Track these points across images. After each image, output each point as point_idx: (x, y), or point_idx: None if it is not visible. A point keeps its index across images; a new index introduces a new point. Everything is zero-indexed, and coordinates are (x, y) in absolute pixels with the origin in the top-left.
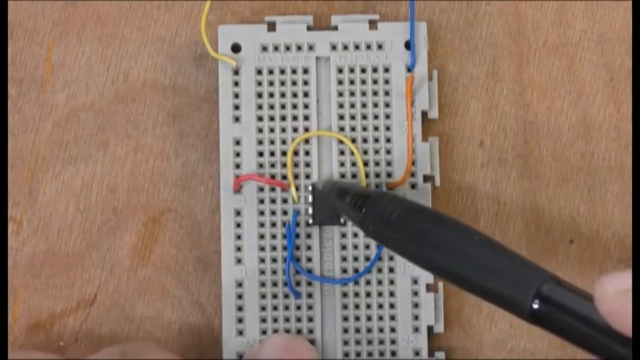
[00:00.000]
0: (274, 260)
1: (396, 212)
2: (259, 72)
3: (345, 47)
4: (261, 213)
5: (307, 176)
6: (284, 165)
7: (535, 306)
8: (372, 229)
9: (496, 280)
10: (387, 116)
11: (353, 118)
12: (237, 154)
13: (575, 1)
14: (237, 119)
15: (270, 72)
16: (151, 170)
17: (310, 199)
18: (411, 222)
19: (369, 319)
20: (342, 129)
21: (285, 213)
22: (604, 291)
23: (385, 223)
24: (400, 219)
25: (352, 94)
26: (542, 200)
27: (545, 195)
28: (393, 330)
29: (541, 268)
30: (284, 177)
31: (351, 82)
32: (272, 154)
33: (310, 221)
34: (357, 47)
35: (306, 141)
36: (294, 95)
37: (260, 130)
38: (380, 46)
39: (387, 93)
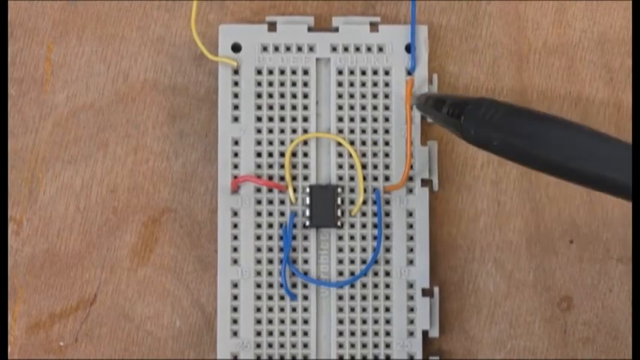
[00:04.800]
0: (270, 262)
1: (498, 114)
2: (259, 72)
3: (346, 49)
4: (259, 214)
5: (305, 178)
6: (282, 166)
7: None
8: (474, 132)
9: (605, 166)
10: (387, 119)
11: (352, 120)
12: (236, 154)
13: (575, 1)
14: (236, 119)
15: (270, 72)
16: (151, 170)
17: (308, 201)
18: (517, 120)
19: (364, 322)
20: (340, 131)
21: (282, 214)
22: None
23: (489, 125)
24: (504, 119)
25: (352, 96)
26: (542, 200)
27: (545, 195)
28: (387, 334)
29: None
30: (282, 178)
31: (351, 84)
32: (270, 154)
33: (307, 223)
34: (357, 49)
35: (305, 142)
36: (294, 96)
37: (259, 131)
38: (380, 49)
39: (386, 96)
